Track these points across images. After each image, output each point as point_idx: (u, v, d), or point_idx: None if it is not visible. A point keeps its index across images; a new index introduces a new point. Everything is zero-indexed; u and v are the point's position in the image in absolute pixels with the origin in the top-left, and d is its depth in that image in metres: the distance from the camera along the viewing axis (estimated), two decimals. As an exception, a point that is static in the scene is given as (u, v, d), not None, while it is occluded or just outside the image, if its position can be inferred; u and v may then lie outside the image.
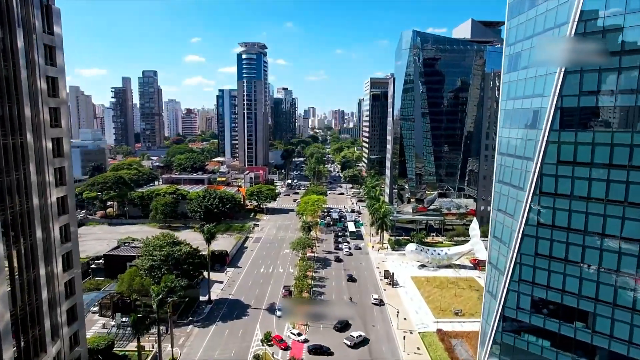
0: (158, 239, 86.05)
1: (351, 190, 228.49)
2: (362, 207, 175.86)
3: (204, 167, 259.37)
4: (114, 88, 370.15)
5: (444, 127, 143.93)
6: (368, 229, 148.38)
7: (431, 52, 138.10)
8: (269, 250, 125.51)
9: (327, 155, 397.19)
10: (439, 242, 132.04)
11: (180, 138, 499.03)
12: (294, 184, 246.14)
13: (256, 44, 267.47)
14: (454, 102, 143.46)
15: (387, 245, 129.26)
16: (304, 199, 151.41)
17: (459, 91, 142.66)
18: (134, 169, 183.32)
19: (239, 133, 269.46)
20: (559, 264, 47.42)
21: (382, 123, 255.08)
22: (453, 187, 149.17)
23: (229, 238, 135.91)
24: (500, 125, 59.35)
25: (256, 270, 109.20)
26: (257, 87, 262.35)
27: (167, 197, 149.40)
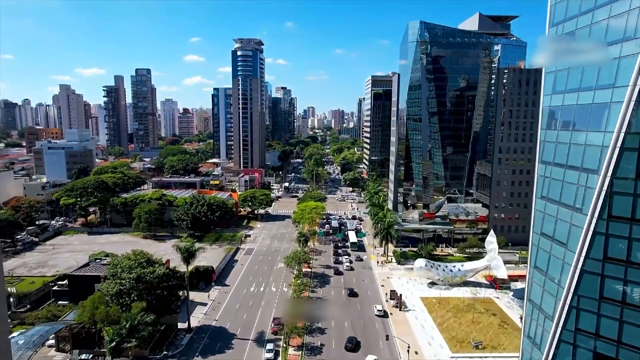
0: (128, 259, 73.84)
1: (352, 194, 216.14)
2: (363, 213, 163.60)
3: (197, 169, 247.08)
4: (106, 87, 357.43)
5: (452, 127, 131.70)
6: (371, 238, 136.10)
7: (440, 45, 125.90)
8: (261, 265, 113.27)
9: (326, 156, 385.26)
10: (448, 255, 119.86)
11: (176, 138, 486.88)
12: (292, 187, 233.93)
13: (252, 40, 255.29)
14: (463, 100, 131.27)
15: (392, 258, 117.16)
16: (300, 205, 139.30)
17: (468, 89, 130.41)
18: (119, 173, 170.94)
19: (234, 133, 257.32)
20: (635, 313, 35.30)
21: (384, 123, 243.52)
22: (460, 191, 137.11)
23: (218, 250, 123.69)
24: (543, 126, 47.10)
25: (245, 290, 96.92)
26: (253, 85, 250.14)
27: (151, 204, 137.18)
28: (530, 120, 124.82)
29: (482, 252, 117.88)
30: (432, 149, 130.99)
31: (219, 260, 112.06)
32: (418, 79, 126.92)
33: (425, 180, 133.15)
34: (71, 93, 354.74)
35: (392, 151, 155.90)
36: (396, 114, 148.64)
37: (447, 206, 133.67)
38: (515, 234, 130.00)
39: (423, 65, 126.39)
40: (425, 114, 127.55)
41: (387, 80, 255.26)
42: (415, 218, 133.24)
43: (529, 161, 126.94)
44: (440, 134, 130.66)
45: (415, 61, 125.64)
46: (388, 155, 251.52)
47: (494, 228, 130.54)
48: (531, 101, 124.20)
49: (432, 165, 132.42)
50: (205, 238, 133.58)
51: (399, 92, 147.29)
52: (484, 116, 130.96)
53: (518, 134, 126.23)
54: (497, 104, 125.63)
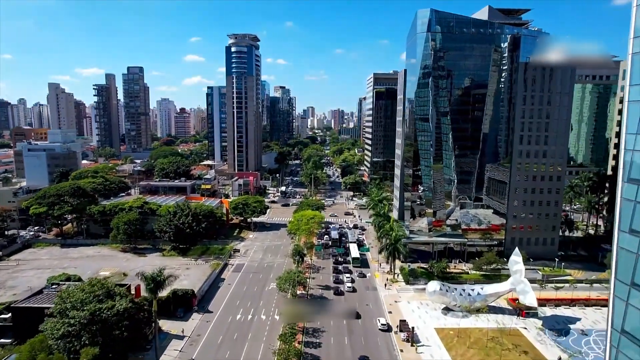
0: (82, 291, 60.15)
1: (353, 200, 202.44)
2: (366, 222, 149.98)
3: (189, 172, 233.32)
4: (96, 85, 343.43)
5: (460, 127, 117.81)
6: (374, 251, 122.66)
7: (453, 37, 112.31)
8: (251, 285, 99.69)
9: (326, 157, 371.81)
10: (463, 272, 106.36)
11: (171, 139, 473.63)
12: (289, 191, 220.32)
13: (247, 35, 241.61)
14: (474, 98, 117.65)
15: (399, 275, 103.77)
16: (296, 215, 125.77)
17: (481, 86, 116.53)
18: (100, 177, 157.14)
19: (228, 134, 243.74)
20: None
21: (387, 123, 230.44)
22: (469, 196, 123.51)
23: (204, 266, 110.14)
24: (630, 130, 33.47)
25: (231, 317, 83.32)
26: (248, 82, 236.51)
27: (131, 213, 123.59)
28: (545, 120, 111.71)
29: (500, 269, 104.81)
30: (442, 151, 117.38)
31: (204, 279, 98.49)
32: (428, 75, 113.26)
33: (434, 185, 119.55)
34: (60, 92, 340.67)
35: (398, 154, 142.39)
36: (402, 113, 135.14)
37: (458, 213, 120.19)
38: (535, 246, 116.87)
39: (433, 59, 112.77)
40: (435, 113, 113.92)
41: (390, 78, 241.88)
42: (423, 228, 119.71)
43: (551, 166, 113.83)
44: (453, 135, 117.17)
45: (424, 55, 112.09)
46: (390, 156, 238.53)
47: (512, 240, 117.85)
48: (552, 99, 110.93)
49: (442, 169, 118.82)
50: (191, 252, 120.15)
51: (405, 90, 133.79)
52: (492, 115, 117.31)
53: (540, 136, 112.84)
54: (517, 103, 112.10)
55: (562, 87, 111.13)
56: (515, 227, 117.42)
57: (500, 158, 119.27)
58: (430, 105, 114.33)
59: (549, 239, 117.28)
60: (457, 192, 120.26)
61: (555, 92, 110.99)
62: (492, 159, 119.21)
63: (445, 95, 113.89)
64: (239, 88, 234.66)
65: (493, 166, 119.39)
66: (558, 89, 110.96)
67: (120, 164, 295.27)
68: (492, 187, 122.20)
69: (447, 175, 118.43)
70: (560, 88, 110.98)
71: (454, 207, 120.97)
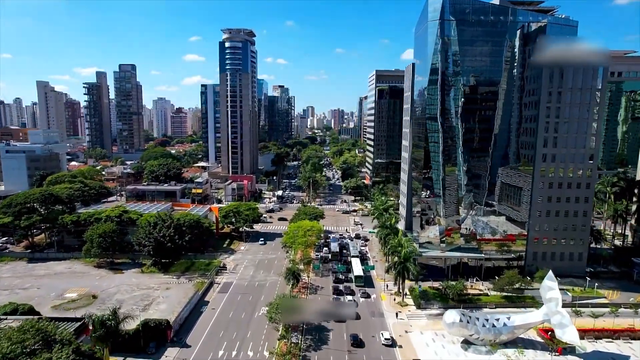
0: (8, 340, 46.77)
1: (354, 206, 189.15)
2: (369, 232, 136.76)
3: (181, 175, 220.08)
4: (87, 84, 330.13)
5: (472, 127, 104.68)
6: (380, 266, 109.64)
7: (469, 25, 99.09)
8: (238, 310, 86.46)
9: (325, 158, 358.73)
10: (481, 294, 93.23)
11: (166, 139, 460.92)
12: (286, 195, 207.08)
13: (242, 30, 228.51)
14: (488, 95, 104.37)
15: (408, 295, 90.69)
16: (292, 226, 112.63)
17: (496, 82, 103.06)
18: (78, 182, 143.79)
19: (222, 135, 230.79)
20: None
21: (390, 122, 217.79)
22: (479, 202, 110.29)
23: (186, 285, 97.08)
24: None
25: (212, 354, 70.10)
26: (243, 80, 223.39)
27: (107, 224, 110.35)
28: (575, 120, 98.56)
29: (524, 289, 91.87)
30: (456, 154, 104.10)
31: (184, 302, 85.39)
32: (439, 69, 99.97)
33: (447, 191, 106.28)
34: (49, 90, 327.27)
35: (404, 157, 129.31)
36: (410, 112, 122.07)
37: (469, 221, 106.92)
38: (561, 262, 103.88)
39: (446, 51, 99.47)
40: (448, 111, 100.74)
41: (393, 75, 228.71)
42: (434, 239, 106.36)
43: (579, 171, 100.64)
44: (465, 137, 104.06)
45: (436, 46, 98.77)
46: (393, 157, 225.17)
47: (534, 255, 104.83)
48: (582, 96, 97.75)
49: (456, 173, 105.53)
50: (173, 267, 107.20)
51: (413, 86, 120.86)
52: (502, 115, 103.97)
53: (568, 138, 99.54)
54: (541, 100, 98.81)
55: (594, 82, 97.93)
56: (537, 239, 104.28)
57: (511, 161, 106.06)
58: (442, 103, 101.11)
59: (576, 253, 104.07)
60: (470, 198, 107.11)
61: (585, 88, 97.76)
62: (502, 161, 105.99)
63: (459, 92, 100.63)
64: (233, 86, 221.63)
65: (506, 170, 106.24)
66: (589, 84, 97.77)
67: (110, 165, 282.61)
68: (505, 193, 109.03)
69: (461, 179, 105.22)
70: (591, 83, 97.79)
71: (466, 214, 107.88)
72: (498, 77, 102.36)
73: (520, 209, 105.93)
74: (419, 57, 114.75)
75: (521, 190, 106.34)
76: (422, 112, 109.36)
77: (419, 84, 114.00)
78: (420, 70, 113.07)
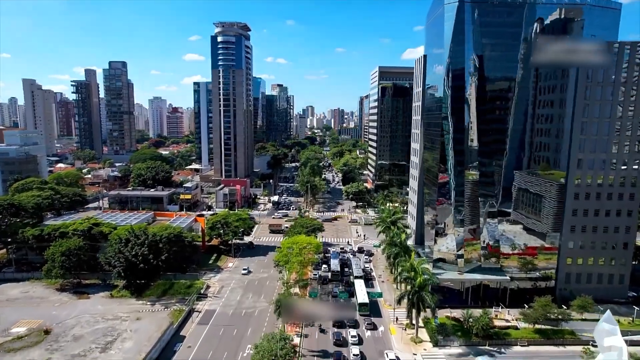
0: None
1: (356, 211, 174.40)
2: (374, 246, 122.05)
3: (170, 178, 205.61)
4: (74, 82, 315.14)
5: (488, 128, 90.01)
6: (387, 290, 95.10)
7: (492, 7, 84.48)
8: (219, 349, 71.68)
9: (325, 159, 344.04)
10: (510, 327, 78.43)
11: (161, 140, 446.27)
12: (283, 201, 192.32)
13: (235, 23, 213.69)
14: (509, 91, 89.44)
15: (421, 327, 76.13)
16: (286, 242, 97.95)
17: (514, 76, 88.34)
18: (48, 189, 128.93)
19: (214, 136, 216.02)
20: None
21: (394, 122, 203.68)
22: (494, 210, 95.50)
23: (161, 314, 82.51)
24: None
25: (180, 416, 55.45)
26: (237, 77, 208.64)
27: (72, 240, 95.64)
28: (618, 118, 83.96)
29: (559, 321, 77.18)
30: (475, 157, 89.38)
31: (155, 339, 70.89)
32: (458, 60, 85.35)
33: (466, 199, 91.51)
34: (36, 89, 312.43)
35: (414, 162, 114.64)
36: (421, 110, 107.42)
37: (485, 232, 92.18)
38: (598, 285, 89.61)
39: (466, 38, 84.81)
40: (472, 109, 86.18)
41: (397, 72, 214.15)
42: (449, 255, 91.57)
43: (622, 179, 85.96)
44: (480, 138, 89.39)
45: (456, 33, 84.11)
46: (397, 159, 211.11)
47: (566, 277, 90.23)
48: (626, 91, 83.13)
49: (475, 179, 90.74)
50: (149, 291, 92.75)
51: (424, 81, 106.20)
52: (516, 113, 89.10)
53: (608, 139, 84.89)
54: (577, 96, 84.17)
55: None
56: (571, 259, 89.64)
57: (524, 164, 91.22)
58: (461, 100, 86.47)
59: (616, 275, 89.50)
60: (489, 205, 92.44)
61: (630, 82, 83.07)
62: (515, 165, 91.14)
63: (482, 85, 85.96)
64: (226, 83, 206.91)
65: (523, 175, 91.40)
66: (634, 76, 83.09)
67: (97, 168, 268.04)
68: (521, 200, 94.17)
69: (482, 186, 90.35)
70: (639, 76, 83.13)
71: (484, 224, 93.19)
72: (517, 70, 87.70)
73: (540, 219, 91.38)
74: (432, 48, 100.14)
75: (541, 198, 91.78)
76: (436, 110, 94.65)
77: (432, 79, 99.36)
78: (434, 62, 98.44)
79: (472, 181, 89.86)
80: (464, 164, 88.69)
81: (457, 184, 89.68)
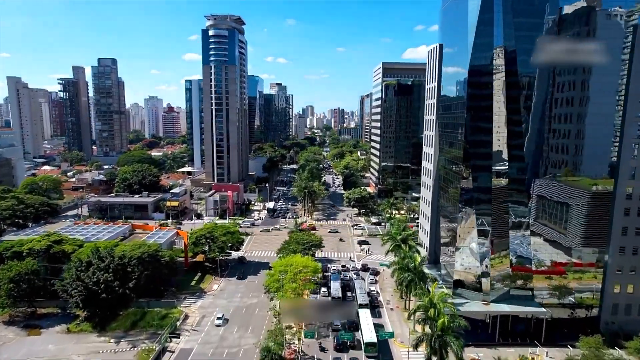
0: None
1: (359, 227, 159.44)
2: (381, 265, 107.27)
3: (158, 183, 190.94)
4: (62, 79, 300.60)
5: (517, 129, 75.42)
6: (397, 319, 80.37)
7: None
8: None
9: (324, 161, 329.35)
10: (552, 374, 63.75)
11: (155, 140, 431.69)
12: (279, 208, 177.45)
13: (229, 16, 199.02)
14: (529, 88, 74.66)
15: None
16: (278, 263, 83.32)
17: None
18: (10, 199, 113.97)
19: (206, 136, 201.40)
20: None
21: (398, 121, 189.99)
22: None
23: (126, 354, 67.90)
24: None
25: None
26: (230, 74, 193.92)
27: (24, 263, 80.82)
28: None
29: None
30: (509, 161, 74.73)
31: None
32: (486, 45, 70.70)
33: (488, 208, 76.80)
34: (21, 87, 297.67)
35: (427, 169, 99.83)
36: (436, 109, 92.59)
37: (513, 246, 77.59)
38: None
39: (495, 21, 70.14)
40: (501, 103, 71.56)
41: (402, 68, 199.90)
42: (471, 279, 76.98)
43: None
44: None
45: (484, 11, 69.40)
46: (402, 161, 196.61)
47: (614, 307, 75.48)
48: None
49: (505, 185, 76.00)
50: (115, 323, 77.98)
51: (439, 74, 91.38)
52: (534, 112, 74.40)
53: (669, 144, 70.25)
54: (631, 89, 69.48)
55: None
56: (619, 286, 74.95)
57: (540, 169, 76.51)
58: (488, 96, 71.82)
59: (673, 306, 74.76)
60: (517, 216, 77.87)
61: (695, 72, 68.33)
62: (532, 169, 76.47)
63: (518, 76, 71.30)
64: (218, 80, 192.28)
65: (544, 181, 76.53)
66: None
67: (84, 170, 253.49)
68: (543, 209, 79.32)
69: (513, 193, 75.62)
70: None
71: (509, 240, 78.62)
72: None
73: (565, 231, 76.79)
74: (449, 35, 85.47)
75: (566, 207, 77.06)
76: (456, 109, 79.98)
77: (451, 72, 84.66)
78: (452, 53, 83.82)
79: (500, 188, 75.22)
80: (491, 170, 74.14)
81: (480, 192, 75.15)
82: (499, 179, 74.69)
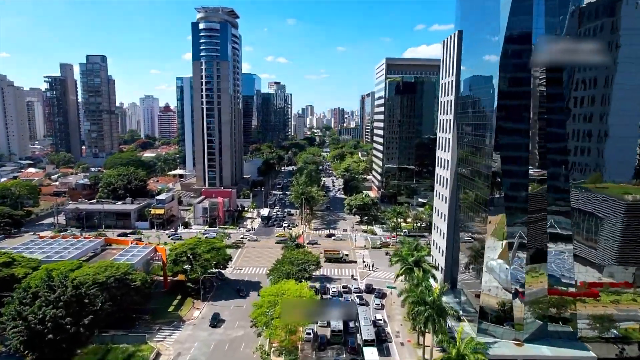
0: None
1: (362, 238, 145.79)
2: (387, 287, 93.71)
3: (145, 188, 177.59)
4: (48, 77, 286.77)
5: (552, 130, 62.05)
6: (409, 354, 66.98)
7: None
8: None
9: (324, 162, 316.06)
10: None
11: (149, 140, 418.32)
12: (274, 216, 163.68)
13: (221, 8, 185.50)
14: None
15: None
16: (267, 291, 69.86)
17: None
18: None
19: (196, 138, 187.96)
20: None
21: (403, 121, 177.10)
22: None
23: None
24: None
25: None
26: (222, 70, 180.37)
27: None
28: None
29: None
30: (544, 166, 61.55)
31: None
32: (524, 25, 57.26)
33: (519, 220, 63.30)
34: (6, 85, 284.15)
35: (442, 176, 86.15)
36: (454, 107, 78.99)
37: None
38: None
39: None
40: (542, 96, 58.15)
41: (407, 65, 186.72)
42: (493, 302, 63.54)
43: None
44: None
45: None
46: (407, 162, 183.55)
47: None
48: None
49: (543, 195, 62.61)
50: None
51: (459, 66, 77.80)
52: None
53: None
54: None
55: None
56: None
57: (561, 175, 63.28)
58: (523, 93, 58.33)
59: None
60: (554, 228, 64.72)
61: None
62: (552, 174, 63.29)
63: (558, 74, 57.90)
64: (209, 77, 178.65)
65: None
66: None
67: (69, 173, 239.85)
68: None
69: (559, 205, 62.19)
70: None
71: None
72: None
73: (595, 245, 63.67)
74: (471, 20, 71.95)
75: (595, 219, 63.84)
76: (482, 108, 66.47)
77: (475, 64, 71.18)
78: (473, 41, 70.38)
79: (539, 198, 61.94)
80: (525, 176, 60.91)
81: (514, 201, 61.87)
82: (538, 186, 61.41)
